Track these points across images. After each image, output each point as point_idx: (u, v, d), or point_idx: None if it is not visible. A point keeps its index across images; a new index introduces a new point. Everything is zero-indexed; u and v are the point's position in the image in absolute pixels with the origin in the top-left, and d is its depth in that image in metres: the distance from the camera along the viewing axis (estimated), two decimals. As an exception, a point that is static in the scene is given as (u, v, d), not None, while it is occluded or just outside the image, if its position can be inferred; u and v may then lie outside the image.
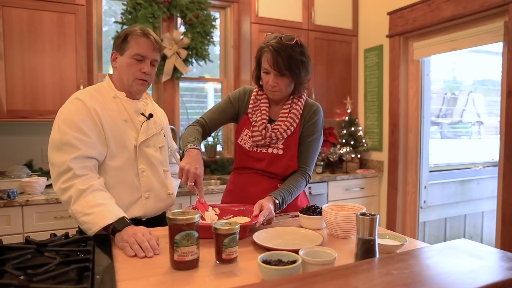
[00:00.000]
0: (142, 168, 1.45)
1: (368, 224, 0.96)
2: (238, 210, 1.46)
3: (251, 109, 1.58)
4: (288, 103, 1.56)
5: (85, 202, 1.24)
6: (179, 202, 2.48)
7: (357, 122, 3.46)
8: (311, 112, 1.57)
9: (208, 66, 3.33)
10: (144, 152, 1.46)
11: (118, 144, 1.40)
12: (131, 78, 1.43)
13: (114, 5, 3.09)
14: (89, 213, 1.23)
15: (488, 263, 0.80)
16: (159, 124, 1.56)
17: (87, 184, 1.27)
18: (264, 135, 1.53)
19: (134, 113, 1.47)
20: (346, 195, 3.19)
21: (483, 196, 3.78)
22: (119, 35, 1.45)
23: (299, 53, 1.44)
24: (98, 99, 1.40)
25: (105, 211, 1.23)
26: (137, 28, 1.43)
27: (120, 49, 1.43)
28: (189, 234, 0.98)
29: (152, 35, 1.45)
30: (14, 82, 2.36)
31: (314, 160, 1.60)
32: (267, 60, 1.43)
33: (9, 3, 2.34)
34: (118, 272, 0.96)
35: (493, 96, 4.51)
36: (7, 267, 0.84)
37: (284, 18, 3.18)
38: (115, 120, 1.41)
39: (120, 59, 1.44)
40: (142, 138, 1.45)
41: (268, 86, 1.48)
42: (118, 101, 1.45)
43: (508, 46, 2.31)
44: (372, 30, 3.36)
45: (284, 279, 0.72)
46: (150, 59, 1.44)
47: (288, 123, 1.53)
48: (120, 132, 1.41)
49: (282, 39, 1.42)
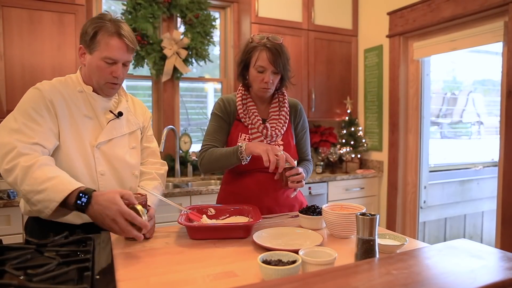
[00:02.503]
0: (101, 171, 1.33)
1: (368, 224, 0.96)
2: (233, 209, 1.46)
3: (241, 113, 1.61)
4: (275, 101, 1.64)
5: (34, 180, 1.11)
6: (179, 201, 2.49)
7: (357, 122, 3.46)
8: (297, 111, 1.69)
9: (208, 66, 3.33)
10: (106, 153, 1.34)
11: (75, 142, 1.29)
12: (102, 81, 1.33)
13: (114, 5, 3.09)
14: (40, 190, 1.09)
15: (488, 263, 0.80)
16: (134, 123, 1.45)
17: (32, 160, 1.13)
18: (265, 135, 1.56)
19: (101, 110, 1.36)
20: (346, 195, 3.19)
21: (483, 196, 3.78)
22: (87, 30, 1.28)
23: (285, 51, 1.54)
24: (60, 91, 1.30)
25: (59, 183, 1.09)
26: (108, 23, 1.27)
27: (89, 46, 1.29)
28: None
29: (125, 33, 1.29)
30: (14, 81, 2.36)
31: (309, 146, 1.78)
32: (265, 58, 1.49)
33: (9, 3, 2.34)
34: (118, 272, 0.96)
35: (493, 96, 4.51)
36: (7, 267, 0.84)
37: (284, 18, 3.19)
38: (76, 116, 1.30)
39: (89, 58, 1.31)
40: (102, 138, 1.33)
41: (263, 83, 1.52)
42: (84, 96, 1.34)
43: (508, 46, 2.31)
44: (372, 30, 3.36)
45: (284, 279, 0.72)
46: (122, 61, 1.32)
47: (282, 121, 1.61)
48: (79, 130, 1.30)
49: (271, 39, 1.51)
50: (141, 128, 1.51)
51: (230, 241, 1.21)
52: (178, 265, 1.02)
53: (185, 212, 1.35)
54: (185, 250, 1.14)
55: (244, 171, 1.60)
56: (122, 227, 1.05)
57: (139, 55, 2.89)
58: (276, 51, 1.49)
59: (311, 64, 3.32)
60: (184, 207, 1.38)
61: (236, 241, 1.21)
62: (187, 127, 3.29)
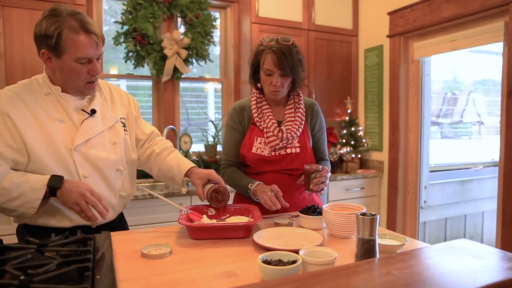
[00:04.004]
0: (84, 174, 1.27)
1: (368, 224, 0.96)
2: (234, 209, 1.46)
3: (256, 117, 1.61)
4: (290, 103, 1.63)
5: (3, 190, 1.13)
6: (179, 201, 2.48)
7: (357, 122, 3.46)
8: (314, 112, 1.67)
9: (208, 66, 3.33)
10: (86, 155, 1.27)
11: (48, 150, 1.21)
12: (81, 84, 1.25)
13: (114, 5, 3.09)
14: (16, 197, 1.13)
15: (488, 263, 0.79)
16: (111, 117, 1.37)
17: None
18: (281, 138, 1.56)
19: (73, 111, 1.28)
20: (346, 195, 3.19)
21: (483, 196, 3.77)
22: (47, 33, 1.15)
23: (296, 52, 1.53)
24: (23, 98, 1.22)
25: (32, 183, 1.14)
26: (68, 19, 1.17)
27: (55, 50, 1.18)
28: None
29: (92, 28, 1.19)
30: (14, 81, 2.33)
31: (326, 146, 1.76)
32: (271, 61, 1.49)
33: (9, 3, 2.34)
34: (118, 272, 0.96)
35: (493, 96, 4.51)
36: (7, 267, 0.84)
37: (284, 18, 3.19)
38: (45, 121, 1.22)
39: (59, 62, 1.20)
40: (79, 140, 1.25)
41: (271, 86, 1.53)
42: (52, 98, 1.26)
43: (508, 46, 2.31)
44: (372, 30, 3.36)
45: (284, 279, 0.72)
46: (96, 57, 1.23)
47: (298, 122, 1.59)
48: (50, 136, 1.22)
49: (280, 41, 1.50)
50: (124, 119, 1.44)
51: (230, 241, 1.21)
52: (178, 265, 1.02)
53: (185, 212, 1.35)
54: (185, 250, 1.14)
55: (261, 172, 1.62)
56: (89, 201, 1.16)
57: (139, 55, 2.89)
58: (282, 53, 1.47)
59: (311, 64, 3.32)
60: (185, 207, 1.38)
61: (236, 241, 1.21)
62: (188, 127, 3.29)
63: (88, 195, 1.17)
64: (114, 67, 3.14)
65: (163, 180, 1.56)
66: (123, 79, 3.14)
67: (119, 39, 2.84)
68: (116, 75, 3.10)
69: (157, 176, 1.55)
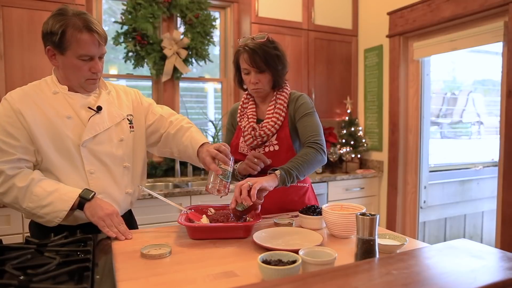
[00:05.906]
0: (90, 170, 1.31)
1: (368, 224, 0.96)
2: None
3: (239, 117, 1.67)
4: (272, 100, 1.61)
5: (35, 196, 1.21)
6: (179, 201, 2.48)
7: (357, 122, 3.46)
8: (295, 100, 1.58)
9: (208, 66, 3.33)
10: (93, 151, 1.32)
11: (57, 146, 1.27)
12: (82, 80, 1.30)
13: (114, 5, 3.09)
14: (46, 205, 1.20)
15: (488, 263, 0.79)
16: (118, 115, 1.40)
17: (27, 179, 1.21)
18: (254, 136, 1.56)
19: (80, 108, 1.32)
20: (346, 195, 3.19)
21: (483, 196, 3.78)
22: (53, 30, 1.22)
23: (272, 48, 1.51)
24: (32, 97, 1.27)
25: (62, 195, 1.22)
26: (73, 18, 1.22)
27: (59, 47, 1.24)
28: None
29: (95, 27, 1.24)
30: (14, 82, 2.35)
31: (318, 130, 1.52)
32: (244, 60, 1.51)
33: (9, 3, 2.34)
34: (118, 272, 0.96)
35: (493, 96, 4.51)
36: (7, 267, 0.84)
37: (284, 18, 3.19)
38: (55, 118, 1.27)
39: (62, 59, 1.26)
40: (87, 136, 1.30)
41: (250, 85, 1.55)
42: (60, 97, 1.31)
43: (508, 46, 2.31)
44: (372, 30, 3.36)
45: (284, 279, 0.72)
46: (98, 56, 1.28)
47: (274, 118, 1.56)
48: (59, 132, 1.27)
49: (254, 39, 1.51)
50: (131, 115, 1.46)
51: (230, 241, 1.21)
52: (178, 265, 1.02)
53: (185, 212, 1.35)
54: (185, 250, 1.14)
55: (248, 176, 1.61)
56: (113, 221, 1.25)
57: (139, 55, 2.89)
58: (254, 51, 1.47)
59: (311, 64, 3.32)
60: (184, 207, 1.38)
61: (236, 241, 1.21)
62: (187, 127, 3.29)
63: (114, 216, 1.26)
64: (113, 67, 3.14)
65: (186, 160, 1.56)
66: (122, 79, 3.14)
67: (119, 39, 2.84)
68: (116, 75, 3.10)
69: (179, 157, 1.56)
